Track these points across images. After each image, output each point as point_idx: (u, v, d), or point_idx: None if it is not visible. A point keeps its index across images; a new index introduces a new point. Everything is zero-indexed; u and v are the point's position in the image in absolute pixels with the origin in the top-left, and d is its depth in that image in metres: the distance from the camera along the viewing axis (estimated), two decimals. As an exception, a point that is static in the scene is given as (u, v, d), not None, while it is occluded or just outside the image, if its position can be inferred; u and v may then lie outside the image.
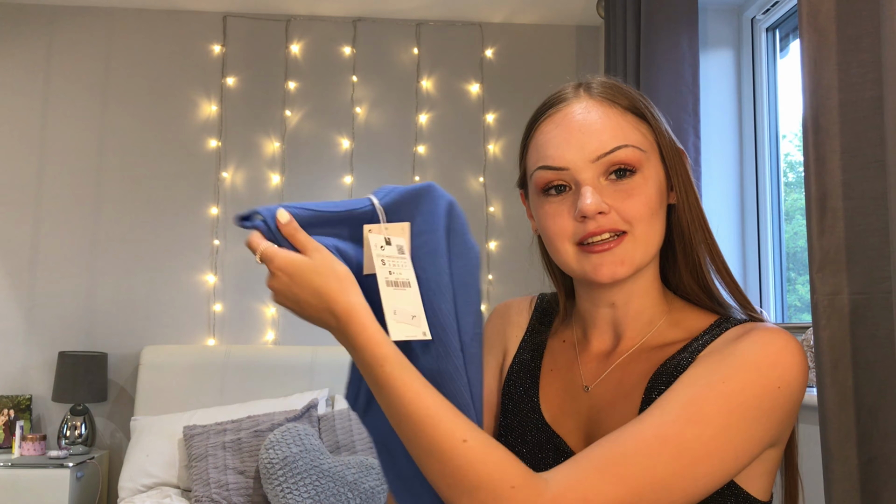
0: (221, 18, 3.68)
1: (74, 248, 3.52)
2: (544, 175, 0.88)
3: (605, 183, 0.86)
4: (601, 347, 0.95)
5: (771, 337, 0.80)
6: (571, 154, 0.86)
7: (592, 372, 0.93)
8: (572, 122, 0.87)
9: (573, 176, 0.86)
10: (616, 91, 0.90)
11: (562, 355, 0.98)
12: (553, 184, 0.88)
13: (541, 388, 0.96)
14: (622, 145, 0.86)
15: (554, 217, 0.88)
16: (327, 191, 3.63)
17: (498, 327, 1.07)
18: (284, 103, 3.66)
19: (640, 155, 0.86)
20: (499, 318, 1.08)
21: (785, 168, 2.83)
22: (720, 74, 2.92)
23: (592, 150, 0.86)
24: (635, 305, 0.92)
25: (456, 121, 3.69)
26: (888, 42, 1.16)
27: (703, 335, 0.88)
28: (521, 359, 1.01)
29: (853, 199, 1.31)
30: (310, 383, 3.32)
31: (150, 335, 3.48)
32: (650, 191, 0.87)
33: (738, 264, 2.86)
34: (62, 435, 3.24)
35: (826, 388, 1.32)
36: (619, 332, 0.93)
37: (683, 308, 0.93)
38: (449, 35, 3.75)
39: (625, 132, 0.87)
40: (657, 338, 0.91)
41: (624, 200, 0.85)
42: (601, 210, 0.84)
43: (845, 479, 1.28)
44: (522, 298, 1.11)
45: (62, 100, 3.59)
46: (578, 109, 0.88)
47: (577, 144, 0.86)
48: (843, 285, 1.32)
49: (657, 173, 0.89)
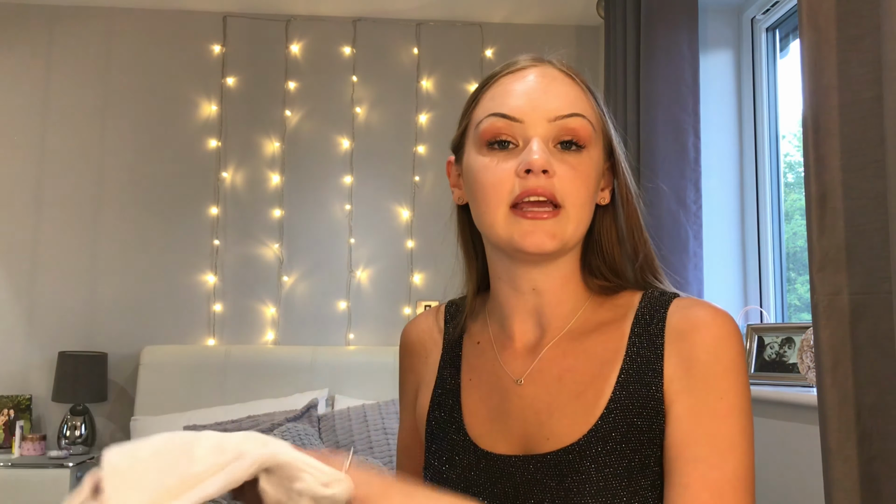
0: (221, 18, 3.68)
1: (74, 248, 3.52)
2: (495, 123, 0.85)
3: (553, 149, 0.84)
4: (525, 340, 0.90)
5: (713, 321, 0.83)
6: (530, 108, 0.84)
7: (519, 367, 0.89)
8: (539, 80, 0.86)
9: (525, 131, 0.84)
10: (575, 69, 0.90)
11: (479, 359, 0.94)
12: (500, 135, 0.85)
13: (463, 404, 0.91)
14: (579, 113, 0.85)
15: (493, 170, 0.84)
16: (327, 191, 3.64)
17: (408, 361, 1.02)
18: (284, 103, 3.66)
19: (590, 132, 0.86)
20: (406, 350, 1.03)
21: (785, 168, 2.83)
22: (720, 74, 2.92)
23: (552, 108, 0.84)
24: (558, 293, 0.89)
25: (456, 121, 3.68)
26: (888, 42, 1.16)
27: (645, 315, 0.87)
28: (442, 380, 0.95)
29: (853, 199, 1.31)
30: (310, 383, 3.32)
31: (150, 335, 3.48)
32: (591, 173, 0.86)
33: (738, 264, 2.86)
34: (62, 435, 3.24)
35: (826, 388, 1.32)
36: (542, 322, 0.90)
37: (602, 290, 0.92)
38: (449, 35, 3.75)
39: (583, 104, 0.86)
40: (583, 323, 0.89)
41: (568, 172, 0.83)
42: (547, 168, 0.82)
43: (845, 479, 1.28)
44: (427, 314, 1.04)
45: (62, 100, 3.59)
46: (542, 72, 0.88)
47: (536, 100, 0.85)
48: (843, 285, 1.32)
49: (599, 160, 0.88)
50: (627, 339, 0.86)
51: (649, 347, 0.85)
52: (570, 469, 0.81)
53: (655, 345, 0.84)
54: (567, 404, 0.84)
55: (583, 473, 0.80)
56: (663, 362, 0.83)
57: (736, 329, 0.84)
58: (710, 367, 0.81)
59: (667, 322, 0.85)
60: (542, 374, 0.88)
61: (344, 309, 3.60)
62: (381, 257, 3.64)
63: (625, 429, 0.81)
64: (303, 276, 3.61)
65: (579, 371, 0.86)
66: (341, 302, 3.60)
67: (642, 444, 0.81)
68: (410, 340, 1.03)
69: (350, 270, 3.62)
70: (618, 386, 0.83)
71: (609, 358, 0.86)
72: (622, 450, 0.80)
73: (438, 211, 3.63)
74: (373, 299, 3.61)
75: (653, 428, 0.81)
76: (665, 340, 0.84)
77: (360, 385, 3.35)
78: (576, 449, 0.81)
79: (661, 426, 0.81)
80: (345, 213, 3.64)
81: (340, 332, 3.59)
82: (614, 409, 0.82)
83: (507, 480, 0.83)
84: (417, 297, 3.62)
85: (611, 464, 0.80)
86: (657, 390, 0.82)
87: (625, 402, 0.82)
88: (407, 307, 3.62)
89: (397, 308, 3.62)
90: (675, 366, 0.83)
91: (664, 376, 0.82)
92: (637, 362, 0.84)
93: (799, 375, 2.13)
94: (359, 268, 3.63)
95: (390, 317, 3.61)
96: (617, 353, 0.86)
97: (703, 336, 0.82)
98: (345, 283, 3.61)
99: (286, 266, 3.60)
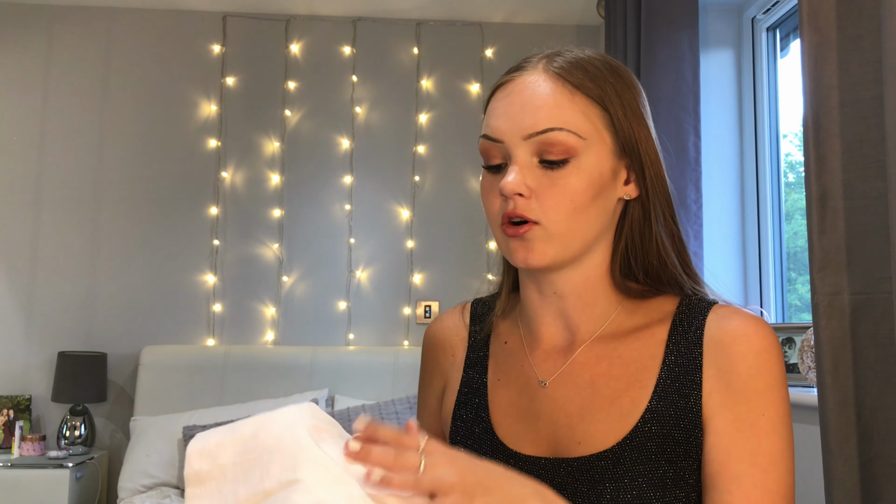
0: (221, 18, 3.68)
1: (74, 248, 3.52)
2: (483, 144, 0.86)
3: (535, 164, 0.82)
4: (553, 342, 0.90)
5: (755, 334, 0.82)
6: (507, 127, 0.83)
7: (548, 369, 0.88)
8: (517, 95, 0.84)
9: (506, 150, 0.83)
10: (578, 69, 0.84)
11: (507, 360, 0.93)
12: (489, 158, 0.85)
13: (491, 404, 0.91)
14: (555, 128, 0.81)
15: (487, 191, 0.86)
16: (327, 191, 3.63)
17: (433, 360, 1.00)
18: (284, 103, 3.66)
19: (575, 141, 0.81)
20: (431, 349, 1.01)
21: (785, 168, 2.83)
22: (720, 74, 2.92)
23: (526, 126, 0.82)
24: (583, 296, 0.87)
25: (456, 121, 3.69)
26: (888, 42, 1.16)
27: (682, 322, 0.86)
28: (469, 379, 0.94)
29: (853, 199, 1.31)
30: (310, 383, 3.32)
31: (150, 335, 3.48)
32: (580, 183, 0.81)
33: (739, 264, 2.85)
34: (62, 435, 3.24)
35: (826, 388, 1.32)
36: (570, 325, 0.89)
37: (637, 294, 0.90)
38: (449, 35, 3.75)
39: (565, 114, 0.81)
40: (616, 327, 0.88)
41: (547, 189, 0.81)
42: (519, 192, 0.81)
43: (846, 479, 1.28)
44: (452, 312, 1.03)
45: (62, 99, 3.59)
46: (529, 82, 0.84)
47: (514, 118, 0.83)
48: (844, 285, 1.32)
49: (598, 162, 0.82)
50: (665, 346, 0.85)
51: (687, 357, 0.84)
52: (602, 475, 0.80)
53: (693, 354, 0.83)
54: (601, 409, 0.83)
55: (616, 481, 0.79)
56: (702, 374, 0.82)
57: (776, 341, 0.83)
58: (751, 382, 0.80)
59: (705, 331, 0.84)
60: (574, 378, 0.87)
61: (344, 309, 3.60)
62: (381, 257, 3.64)
63: (661, 439, 0.80)
64: (303, 276, 3.61)
65: (614, 376, 0.85)
66: (341, 302, 3.60)
67: (678, 455, 0.80)
68: (437, 339, 1.01)
69: (350, 270, 3.61)
70: (655, 395, 0.82)
71: (645, 364, 0.84)
72: (657, 460, 0.80)
73: (438, 211, 3.63)
74: (373, 299, 3.61)
75: (689, 440, 0.80)
76: (703, 351, 0.83)
77: (359, 385, 3.35)
78: (609, 455, 0.80)
79: (699, 439, 0.81)
80: (345, 213, 3.64)
81: (340, 333, 3.59)
82: (650, 418, 0.81)
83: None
84: (417, 297, 3.61)
85: (645, 473, 0.79)
86: (695, 403, 0.81)
87: (662, 413, 0.81)
88: (407, 307, 3.61)
89: (397, 308, 3.62)
90: (715, 378, 0.82)
91: (703, 389, 0.82)
92: (675, 371, 0.83)
93: (799, 375, 2.13)
94: (359, 268, 3.62)
95: (390, 317, 3.61)
96: (653, 360, 0.84)
97: (743, 349, 0.81)
98: (345, 283, 3.61)
99: (286, 266, 3.60)
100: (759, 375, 0.80)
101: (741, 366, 0.81)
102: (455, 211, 3.62)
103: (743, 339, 0.82)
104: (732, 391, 0.81)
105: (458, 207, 3.62)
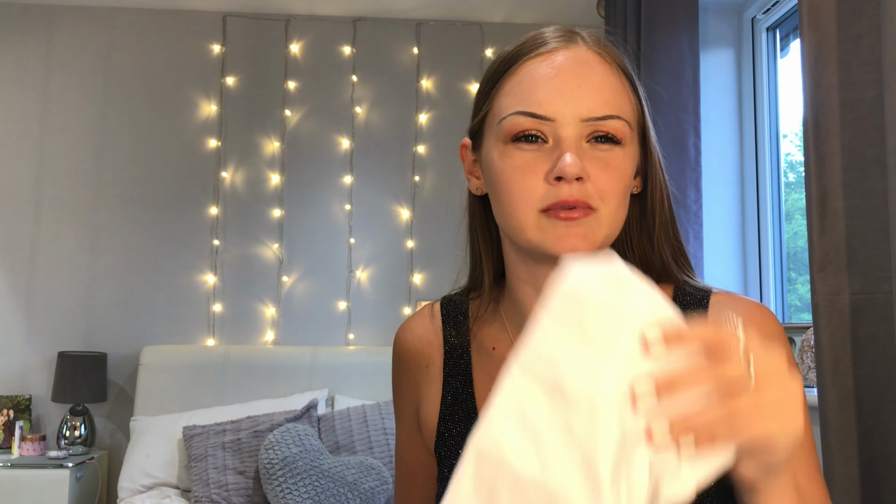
0: (221, 18, 3.68)
1: (74, 248, 3.52)
2: (521, 122, 0.77)
3: (585, 146, 0.77)
4: None
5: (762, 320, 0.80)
6: (563, 105, 0.76)
7: None
8: (571, 73, 0.77)
9: (556, 130, 0.76)
10: (615, 51, 0.81)
11: (497, 368, 0.88)
12: (530, 131, 0.77)
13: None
14: (616, 115, 0.77)
15: (523, 172, 0.77)
16: (327, 191, 3.63)
17: (405, 372, 0.94)
18: (284, 103, 3.66)
19: (627, 130, 0.78)
20: (403, 360, 0.94)
21: (785, 168, 2.83)
22: (720, 74, 2.92)
23: (587, 108, 0.76)
24: None
25: (456, 121, 3.69)
26: (888, 42, 1.16)
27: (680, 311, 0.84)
28: (451, 388, 0.88)
29: (853, 199, 1.31)
30: (310, 383, 3.32)
31: (150, 335, 3.48)
32: (628, 168, 0.79)
33: (738, 264, 2.85)
34: (62, 435, 3.24)
35: (826, 388, 1.32)
36: None
37: None
38: (449, 35, 3.75)
39: (621, 101, 0.78)
40: None
41: (602, 171, 0.76)
42: (581, 176, 0.75)
43: (846, 479, 1.28)
44: (420, 317, 0.95)
45: (62, 100, 3.58)
46: (579, 55, 0.78)
47: (572, 97, 0.76)
48: (844, 285, 1.32)
49: (635, 154, 0.81)
50: None
51: None
52: None
53: None
54: None
55: None
56: None
57: (780, 324, 0.82)
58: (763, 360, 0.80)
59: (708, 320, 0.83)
60: None
61: (344, 309, 3.60)
62: (381, 257, 3.64)
63: None
64: (302, 276, 3.61)
65: None
66: (341, 302, 3.60)
67: None
68: (406, 349, 0.94)
69: (350, 270, 3.61)
70: None
71: None
72: None
73: (438, 211, 3.63)
74: (373, 299, 3.61)
75: None
76: None
77: (359, 385, 3.34)
78: None
79: None
80: (345, 213, 3.64)
81: (340, 332, 3.59)
82: None
83: None
84: (417, 297, 3.61)
85: None
86: None
87: None
88: (407, 307, 3.61)
89: (397, 308, 3.62)
90: None
91: None
92: None
93: (799, 375, 2.13)
94: (359, 268, 3.62)
95: (390, 317, 3.61)
96: None
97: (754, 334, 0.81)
98: (345, 283, 3.61)
99: (286, 266, 3.60)
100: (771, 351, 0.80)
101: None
102: (455, 211, 3.61)
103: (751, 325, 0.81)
104: None
105: (458, 207, 3.60)
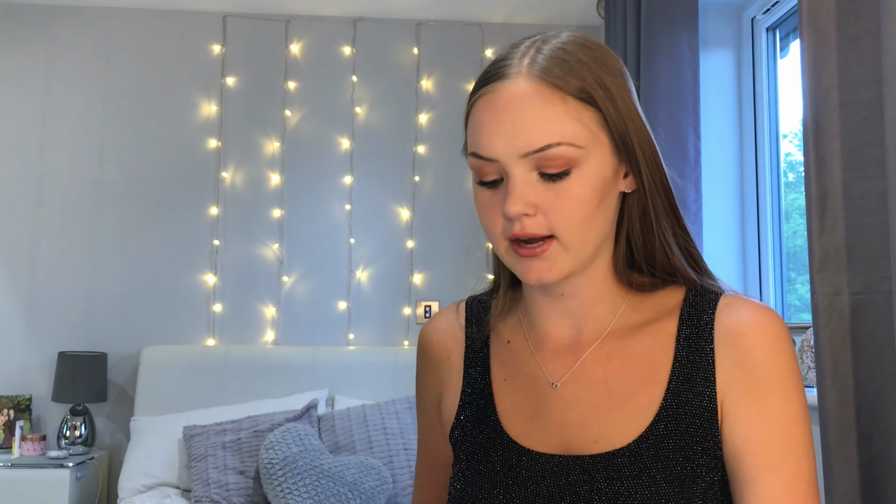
0: (221, 18, 3.68)
1: (74, 248, 3.52)
2: (473, 162, 0.81)
3: (535, 178, 0.78)
4: (560, 340, 0.88)
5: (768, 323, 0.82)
6: (500, 146, 0.78)
7: (557, 368, 0.87)
8: (506, 111, 0.78)
9: (502, 168, 0.79)
10: (564, 69, 0.78)
11: (512, 359, 0.91)
12: (483, 175, 0.81)
13: (498, 404, 0.89)
14: (554, 143, 0.77)
15: (486, 208, 0.82)
16: (327, 191, 3.64)
17: (429, 364, 0.99)
18: (284, 103, 3.66)
19: (575, 152, 0.77)
20: (426, 352, 0.99)
21: (785, 168, 2.83)
22: (720, 74, 2.92)
23: (522, 144, 0.77)
24: (590, 294, 0.86)
25: (456, 121, 3.67)
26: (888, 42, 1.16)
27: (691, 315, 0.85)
28: (471, 379, 0.93)
29: (853, 199, 1.31)
30: (310, 383, 3.32)
31: (150, 335, 3.48)
32: (585, 192, 0.78)
33: (738, 264, 2.86)
34: (62, 435, 3.24)
35: (826, 388, 1.32)
36: (576, 323, 0.88)
37: (641, 287, 0.89)
38: (449, 35, 3.75)
39: (561, 126, 0.77)
40: (623, 323, 0.87)
41: (553, 202, 0.78)
42: (525, 213, 0.78)
43: (845, 479, 1.28)
44: (446, 312, 1.01)
45: (62, 100, 3.59)
46: (515, 91, 0.78)
47: (506, 136, 0.78)
48: (844, 285, 1.32)
49: (600, 166, 0.79)
50: (675, 341, 0.85)
51: (699, 352, 0.83)
52: (619, 472, 0.80)
53: (705, 350, 0.83)
54: (617, 407, 0.83)
55: (634, 478, 0.79)
56: (715, 369, 0.82)
57: (786, 328, 0.83)
58: (770, 371, 0.80)
59: (716, 325, 0.84)
60: (585, 376, 0.86)
61: (344, 309, 3.60)
62: (381, 257, 3.64)
63: (678, 436, 0.80)
64: (303, 276, 3.61)
65: (627, 373, 0.84)
66: (341, 302, 3.60)
67: (696, 453, 0.80)
68: (430, 342, 0.99)
69: (350, 270, 3.62)
70: (669, 392, 0.82)
71: (658, 360, 0.84)
72: (674, 457, 0.80)
73: (438, 211, 3.63)
74: (373, 299, 3.61)
75: (706, 436, 0.80)
76: (715, 345, 0.83)
77: (360, 385, 3.35)
78: (626, 453, 0.80)
79: (715, 435, 0.81)
80: (345, 213, 3.64)
81: (340, 332, 3.59)
82: (666, 415, 0.81)
83: (551, 479, 0.82)
84: (417, 297, 3.61)
85: (662, 470, 0.79)
86: (710, 400, 0.81)
87: (677, 410, 0.81)
88: (407, 307, 3.62)
89: (397, 308, 3.62)
90: (731, 371, 0.82)
91: (717, 384, 0.82)
92: (687, 368, 0.83)
93: (799, 375, 2.13)
94: (359, 268, 3.62)
95: (390, 317, 3.61)
96: (665, 356, 0.84)
97: (757, 339, 0.81)
98: (345, 283, 3.61)
99: (286, 266, 3.60)
100: (777, 364, 0.80)
101: (759, 356, 0.81)
102: (455, 211, 3.62)
103: (758, 329, 0.82)
104: (753, 382, 0.81)
105: (458, 207, 3.61)
